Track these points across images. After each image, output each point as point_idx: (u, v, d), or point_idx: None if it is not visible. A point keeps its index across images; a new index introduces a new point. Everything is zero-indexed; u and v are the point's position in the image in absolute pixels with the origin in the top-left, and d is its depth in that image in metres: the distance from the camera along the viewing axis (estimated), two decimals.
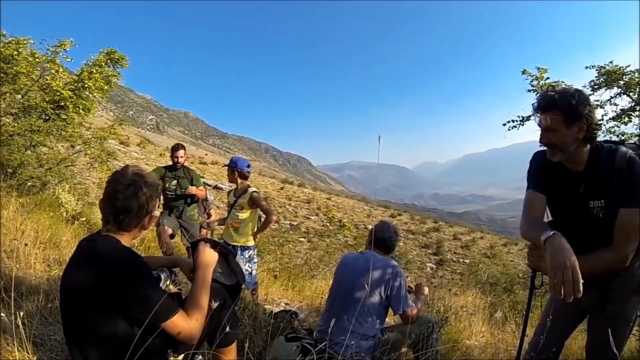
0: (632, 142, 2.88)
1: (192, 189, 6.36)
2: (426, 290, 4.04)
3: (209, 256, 2.32)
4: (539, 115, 2.21)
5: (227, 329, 2.24)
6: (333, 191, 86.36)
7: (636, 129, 4.54)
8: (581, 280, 1.72)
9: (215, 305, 2.21)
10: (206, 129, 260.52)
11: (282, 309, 4.87)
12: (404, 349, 3.55)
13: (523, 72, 4.89)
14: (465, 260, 31.33)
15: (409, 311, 3.46)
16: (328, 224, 35.48)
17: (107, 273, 1.82)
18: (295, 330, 3.55)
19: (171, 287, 2.45)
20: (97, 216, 7.52)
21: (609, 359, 2.34)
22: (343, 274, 3.58)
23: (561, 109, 2.15)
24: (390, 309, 3.50)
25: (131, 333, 1.85)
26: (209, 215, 7.24)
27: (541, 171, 2.39)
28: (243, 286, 2.75)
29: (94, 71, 9.19)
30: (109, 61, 9.63)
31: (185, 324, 1.96)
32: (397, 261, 3.72)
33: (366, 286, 2.95)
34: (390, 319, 4.38)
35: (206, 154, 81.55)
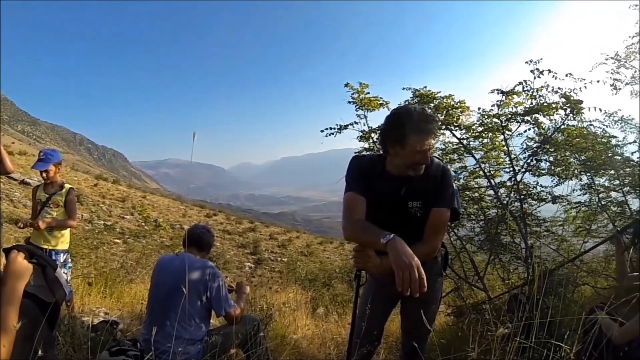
0: (436, 155, 3.22)
1: None
2: (247, 289, 4.04)
3: (19, 267, 2.03)
4: (420, 137, 2.31)
5: (40, 352, 1.87)
6: (148, 189, 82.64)
7: (440, 144, 5.06)
8: (424, 277, 1.90)
9: (17, 325, 1.82)
10: (15, 112, 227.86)
11: (101, 319, 4.59)
12: (233, 350, 3.62)
13: (346, 85, 5.09)
14: (283, 259, 32.48)
15: (232, 311, 3.46)
16: (144, 223, 33.88)
17: None
18: (118, 342, 3.30)
19: None
20: None
21: (424, 334, 2.79)
22: (160, 277, 3.48)
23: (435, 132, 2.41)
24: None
25: None
26: None
27: (362, 175, 2.54)
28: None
29: None
30: None
31: None
32: (214, 262, 3.63)
33: (184, 289, 2.78)
34: (216, 321, 4.32)
35: (13, 142, 71.14)
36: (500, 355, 2.23)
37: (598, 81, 4.98)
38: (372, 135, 5.15)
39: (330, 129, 5.14)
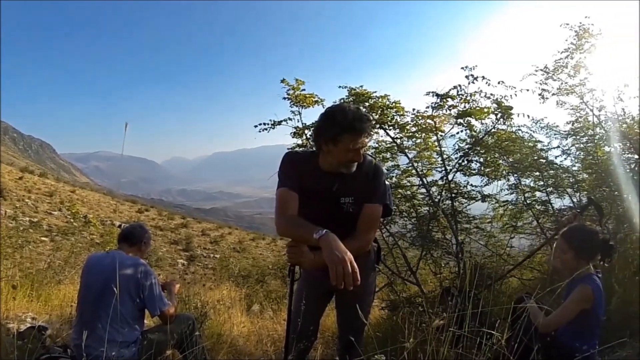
0: (369, 153, 3.31)
1: None
2: (177, 287, 3.99)
3: None
4: (353, 135, 2.37)
5: None
6: (78, 183, 79.23)
7: (373, 143, 5.19)
8: (357, 271, 1.98)
9: None
10: None
11: (28, 325, 4.30)
12: (169, 351, 3.46)
13: (282, 81, 5.11)
14: (216, 255, 31.94)
15: (167, 310, 3.39)
16: (72, 220, 32.45)
17: None
18: (48, 349, 3.17)
19: None
20: None
21: (360, 327, 2.84)
22: (89, 277, 3.35)
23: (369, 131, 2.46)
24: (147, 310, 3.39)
25: None
26: None
27: (295, 171, 2.58)
28: None
29: None
30: None
31: None
32: (147, 259, 3.56)
33: (115, 289, 2.71)
34: (150, 321, 4.15)
35: None
36: (436, 346, 2.30)
37: (527, 90, 5.31)
38: (306, 131, 5.18)
39: (264, 124, 5.13)
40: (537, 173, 5.68)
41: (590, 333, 2.77)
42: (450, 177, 5.31)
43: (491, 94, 4.80)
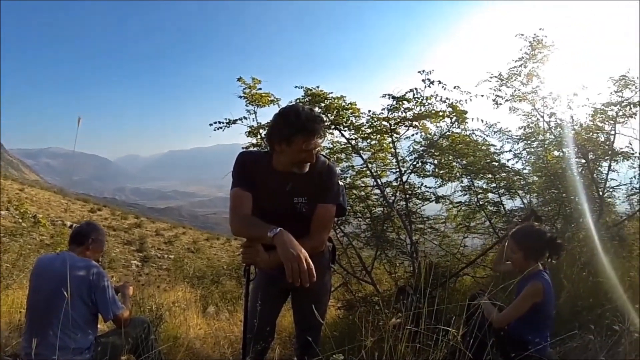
0: (324, 153, 3.36)
1: None
2: (131, 289, 3.85)
3: None
4: (307, 137, 2.40)
5: None
6: (27, 181, 76.58)
7: (328, 143, 5.25)
8: (313, 267, 2.03)
9: None
10: None
11: None
12: (124, 357, 3.43)
13: (238, 79, 5.11)
14: (170, 256, 31.49)
15: (121, 314, 3.28)
16: (21, 220, 31.38)
17: None
18: None
19: None
20: None
21: (316, 326, 2.86)
22: (39, 281, 3.24)
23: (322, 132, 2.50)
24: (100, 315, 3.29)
25: None
26: None
27: (249, 171, 2.61)
28: None
29: None
30: None
31: None
32: (100, 260, 3.47)
33: (65, 293, 2.59)
34: (104, 326, 4.10)
35: None
36: (393, 343, 2.34)
37: (482, 95, 5.45)
38: (261, 131, 5.19)
39: (219, 122, 5.11)
40: (490, 175, 5.88)
41: (542, 326, 2.96)
42: (404, 178, 5.43)
43: (447, 98, 4.92)
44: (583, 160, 6.03)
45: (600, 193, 6.01)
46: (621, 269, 4.47)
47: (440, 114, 5.01)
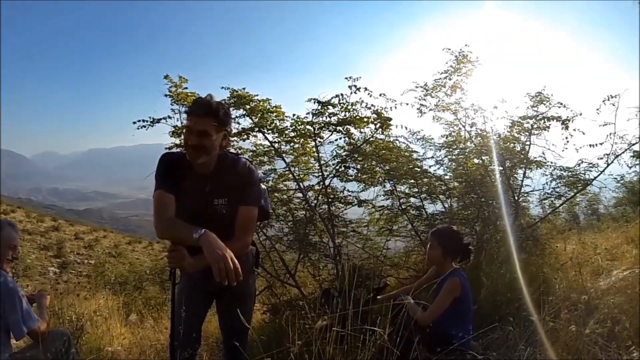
0: (247, 156, 3.41)
1: None
2: (47, 299, 3.55)
3: None
4: (192, 118, 2.45)
5: None
6: None
7: (251, 146, 5.33)
8: (239, 267, 2.07)
9: None
10: None
11: None
12: None
13: (165, 77, 5.05)
14: (91, 261, 30.36)
15: (37, 328, 3.02)
16: None
17: None
18: None
19: None
20: None
21: (242, 330, 2.80)
22: None
23: (217, 117, 2.46)
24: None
25: None
26: None
27: (170, 172, 2.59)
28: None
29: None
30: None
31: None
32: (12, 268, 3.22)
33: None
34: (20, 341, 3.83)
35: None
36: (321, 346, 2.37)
37: (407, 104, 5.77)
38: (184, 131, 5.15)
39: (143, 121, 5.01)
40: (412, 180, 6.20)
41: (464, 321, 3.27)
42: (327, 182, 5.62)
43: (372, 105, 5.14)
44: (501, 168, 6.41)
45: (516, 198, 6.47)
46: (535, 265, 5.00)
47: (365, 120, 5.23)
